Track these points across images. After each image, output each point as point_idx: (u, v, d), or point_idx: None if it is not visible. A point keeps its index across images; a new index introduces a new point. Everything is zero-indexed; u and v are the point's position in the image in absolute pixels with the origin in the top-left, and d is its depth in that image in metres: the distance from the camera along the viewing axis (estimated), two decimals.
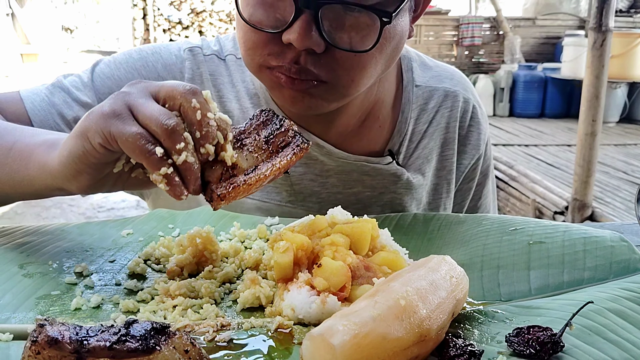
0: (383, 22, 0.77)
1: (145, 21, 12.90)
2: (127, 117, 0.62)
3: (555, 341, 0.54)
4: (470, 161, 1.12)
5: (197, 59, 1.02)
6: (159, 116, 0.61)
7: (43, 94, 0.97)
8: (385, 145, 1.04)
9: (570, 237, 0.79)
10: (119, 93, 0.65)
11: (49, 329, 0.47)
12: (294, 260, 0.67)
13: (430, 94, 1.07)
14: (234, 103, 1.01)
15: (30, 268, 0.71)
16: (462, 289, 0.61)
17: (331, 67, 0.80)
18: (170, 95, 0.64)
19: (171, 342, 0.47)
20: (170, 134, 0.61)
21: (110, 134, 0.62)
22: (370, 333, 0.49)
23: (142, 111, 0.62)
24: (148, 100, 0.64)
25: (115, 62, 1.01)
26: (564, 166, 5.33)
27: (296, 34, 0.75)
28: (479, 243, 0.81)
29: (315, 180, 1.02)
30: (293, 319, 0.63)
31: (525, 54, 8.61)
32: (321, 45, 0.77)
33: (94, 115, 0.64)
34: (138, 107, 0.63)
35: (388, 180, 1.04)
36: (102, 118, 0.63)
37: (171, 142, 0.61)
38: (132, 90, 0.65)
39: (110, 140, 0.62)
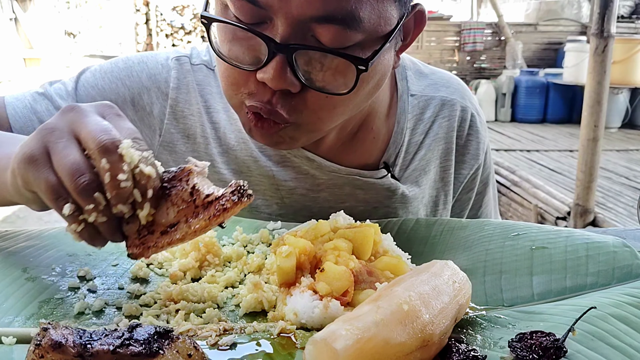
0: (359, 70, 0.73)
1: (147, 26, 12.96)
2: (42, 163, 0.59)
3: (558, 346, 0.54)
4: (469, 171, 1.10)
5: (183, 68, 1.00)
6: (71, 169, 0.57)
7: (27, 101, 0.96)
8: (380, 157, 1.01)
9: (573, 242, 0.79)
10: (43, 129, 0.61)
11: (53, 332, 0.48)
12: (297, 265, 0.68)
13: (426, 103, 1.04)
14: (221, 114, 0.99)
15: (33, 272, 0.72)
16: (464, 294, 0.62)
17: (300, 108, 0.77)
18: (87, 145, 0.59)
19: (174, 346, 0.47)
20: (79, 193, 0.57)
21: (27, 181, 0.61)
22: (373, 338, 0.49)
23: (57, 160, 0.59)
24: (68, 144, 0.59)
25: (100, 71, 1.00)
26: (566, 171, 5.33)
27: (270, 75, 0.72)
28: (481, 248, 0.81)
29: (306, 195, 1.00)
30: (296, 324, 0.63)
31: (527, 59, 8.62)
32: (296, 86, 0.74)
33: (16, 156, 0.61)
34: (55, 152, 0.59)
35: (382, 194, 1.01)
36: (21, 162, 0.60)
37: (81, 201, 0.58)
38: (56, 127, 0.61)
39: (28, 185, 0.61)
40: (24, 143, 0.62)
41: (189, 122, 0.99)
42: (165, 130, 0.99)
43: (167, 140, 0.99)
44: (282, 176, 0.98)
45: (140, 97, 0.98)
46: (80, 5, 15.27)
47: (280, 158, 0.98)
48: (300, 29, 0.71)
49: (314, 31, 0.71)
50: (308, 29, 0.71)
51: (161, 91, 0.99)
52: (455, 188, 1.10)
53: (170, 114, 0.99)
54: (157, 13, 13.36)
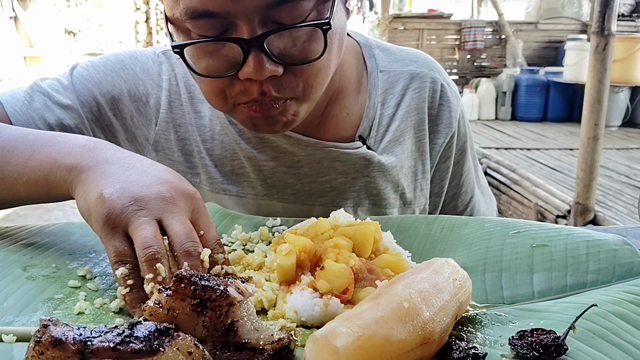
0: (324, 30, 0.78)
1: (148, 24, 12.95)
2: (119, 231, 0.66)
3: (559, 344, 0.54)
4: (444, 140, 1.13)
5: (171, 61, 1.05)
6: (145, 240, 0.63)
7: (22, 98, 0.98)
8: (355, 131, 1.06)
9: (574, 240, 0.79)
10: (135, 202, 0.67)
11: (53, 329, 0.48)
12: (297, 263, 0.68)
13: (396, 78, 1.09)
14: (205, 103, 1.04)
15: (34, 271, 0.72)
16: (465, 291, 0.61)
17: (292, 84, 0.82)
18: (173, 244, 0.65)
19: (175, 343, 0.47)
20: (146, 260, 0.63)
21: (96, 230, 0.67)
22: (373, 335, 0.49)
23: (134, 229, 0.65)
24: (150, 223, 0.65)
25: (93, 65, 1.03)
26: (566, 170, 5.33)
27: (251, 69, 0.77)
28: (481, 246, 0.81)
29: (288, 173, 1.04)
30: (296, 322, 0.63)
31: (528, 57, 8.61)
32: (279, 69, 0.79)
33: (99, 208, 0.66)
34: (135, 225, 0.65)
35: (359, 164, 1.05)
36: (101, 218, 0.66)
37: (145, 268, 0.63)
38: (147, 207, 0.67)
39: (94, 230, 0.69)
40: (106, 198, 0.66)
41: (179, 112, 1.04)
42: (161, 119, 1.03)
43: (162, 129, 1.04)
44: (263, 157, 1.03)
45: (136, 89, 1.02)
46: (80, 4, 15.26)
47: (259, 140, 1.02)
48: (260, 19, 0.76)
49: (273, 16, 0.76)
50: (267, 16, 0.76)
51: (155, 83, 1.03)
52: (432, 158, 1.14)
53: (166, 104, 1.03)
54: (157, 11, 13.35)
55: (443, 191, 1.18)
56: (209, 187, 1.05)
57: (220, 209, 0.95)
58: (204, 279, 0.54)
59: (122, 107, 1.01)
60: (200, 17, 0.76)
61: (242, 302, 0.55)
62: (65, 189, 0.74)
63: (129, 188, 0.67)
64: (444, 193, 1.18)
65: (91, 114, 1.00)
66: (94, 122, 1.00)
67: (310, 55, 0.81)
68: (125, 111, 1.02)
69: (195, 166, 1.05)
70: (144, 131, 1.03)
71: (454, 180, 1.19)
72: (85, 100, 0.99)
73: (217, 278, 0.55)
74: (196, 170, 1.05)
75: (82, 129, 0.99)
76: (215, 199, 1.05)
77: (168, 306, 0.54)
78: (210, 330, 0.54)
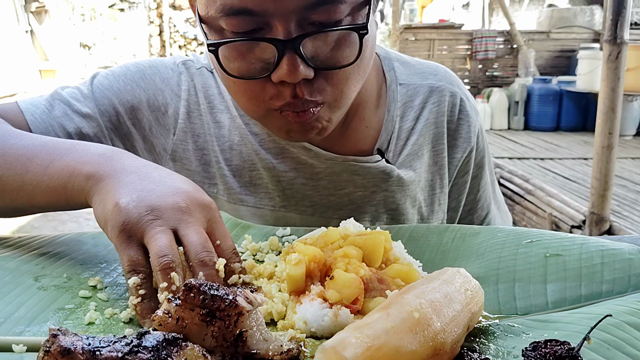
0: (361, 35, 0.79)
1: (161, 38, 13.11)
2: (134, 240, 0.65)
3: (573, 355, 0.53)
4: (462, 154, 1.12)
5: (190, 71, 1.06)
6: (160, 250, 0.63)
7: (42, 106, 0.99)
8: (374, 144, 1.06)
9: (588, 249, 0.78)
10: (151, 211, 0.66)
11: (62, 339, 0.48)
12: (306, 273, 0.67)
13: (415, 91, 1.09)
14: (224, 113, 1.05)
15: (45, 281, 0.72)
16: (477, 302, 0.61)
17: (324, 88, 0.83)
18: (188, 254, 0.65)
19: (183, 353, 0.47)
20: (161, 269, 0.62)
21: (111, 239, 0.68)
22: (383, 346, 0.49)
23: (149, 239, 0.65)
24: (165, 233, 0.65)
25: (113, 74, 1.04)
26: (580, 180, 5.27)
27: (285, 72, 0.77)
28: (494, 255, 0.80)
29: (307, 184, 1.04)
30: (305, 332, 0.62)
31: (540, 67, 8.56)
32: (311, 73, 0.79)
33: (115, 216, 0.66)
34: (150, 235, 0.65)
35: (378, 178, 1.05)
36: (117, 226, 0.66)
37: (160, 277, 0.62)
38: (162, 217, 0.66)
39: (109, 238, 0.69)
40: (123, 208, 0.66)
41: (198, 122, 1.05)
42: (179, 129, 1.04)
43: (180, 139, 1.04)
44: (282, 167, 1.03)
45: (155, 98, 1.03)
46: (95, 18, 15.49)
47: (279, 150, 1.02)
48: (297, 21, 0.76)
49: (309, 18, 0.76)
50: (304, 18, 0.76)
51: (174, 93, 1.04)
52: (450, 172, 1.13)
53: (184, 114, 1.04)
54: (170, 25, 13.51)
55: (460, 206, 1.17)
56: (226, 197, 1.05)
57: (231, 218, 0.95)
58: (213, 288, 0.54)
59: (141, 117, 1.02)
60: (236, 15, 0.76)
61: (251, 312, 0.55)
62: (83, 197, 0.74)
63: (145, 197, 0.67)
64: (461, 208, 1.17)
65: (110, 123, 1.01)
66: (112, 131, 1.01)
67: (343, 60, 0.81)
68: (144, 121, 1.03)
69: (213, 176, 1.05)
70: (162, 141, 1.04)
71: (470, 195, 1.17)
72: (105, 109, 1.00)
73: (226, 288, 0.55)
74: (214, 180, 1.05)
75: (101, 138, 1.00)
76: (232, 209, 1.05)
77: (177, 316, 0.54)
78: (219, 340, 0.53)
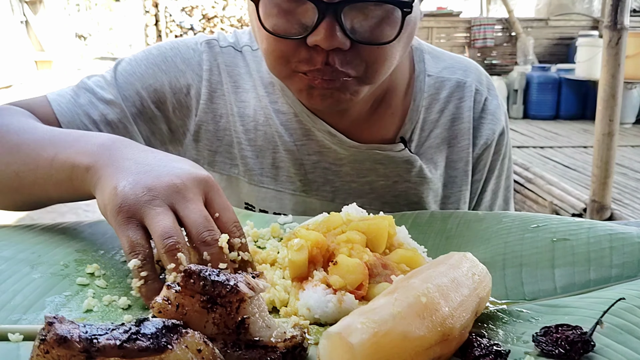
0: (404, 13, 0.79)
1: (157, 27, 13.01)
2: (132, 221, 0.64)
3: (586, 340, 0.51)
4: (477, 152, 1.10)
5: (213, 50, 1.05)
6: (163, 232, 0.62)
7: (69, 96, 1.00)
8: (397, 132, 1.04)
9: (596, 234, 0.76)
10: (147, 193, 0.65)
11: (58, 327, 0.46)
12: (309, 259, 0.65)
13: (442, 84, 1.07)
14: (251, 92, 1.04)
15: (42, 268, 0.70)
16: (484, 286, 0.59)
17: (356, 62, 0.82)
18: (190, 234, 0.64)
19: (183, 340, 0.45)
20: (166, 252, 0.61)
21: (110, 223, 0.67)
22: (390, 331, 0.47)
23: (149, 222, 0.64)
24: (165, 214, 0.64)
25: (136, 59, 1.04)
26: (580, 168, 5.26)
27: (322, 36, 0.77)
28: (499, 241, 0.79)
29: (329, 169, 1.03)
30: (309, 319, 0.61)
31: (539, 55, 8.53)
32: (347, 43, 0.79)
33: (113, 199, 0.66)
34: (149, 216, 0.64)
35: (401, 168, 1.03)
36: (115, 210, 0.65)
37: (166, 259, 0.62)
38: (159, 197, 0.65)
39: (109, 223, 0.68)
40: (119, 191, 0.66)
41: (220, 102, 1.04)
42: (201, 110, 1.04)
43: (202, 119, 1.04)
44: (306, 150, 1.02)
45: (177, 80, 1.03)
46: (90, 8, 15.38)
47: (304, 132, 1.02)
48: None
49: None
50: None
51: (195, 73, 1.04)
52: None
53: (206, 94, 1.03)
54: (166, 14, 13.41)
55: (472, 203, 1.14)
56: (247, 179, 1.04)
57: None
58: (213, 274, 0.52)
59: (164, 100, 1.03)
60: None
61: (253, 298, 0.53)
62: (87, 188, 0.74)
63: (141, 179, 0.67)
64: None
65: (134, 108, 1.01)
66: (137, 116, 1.01)
67: (382, 38, 0.80)
68: (167, 103, 1.03)
69: (235, 157, 1.05)
70: (185, 122, 1.04)
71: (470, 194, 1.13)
72: (129, 95, 1.00)
73: (227, 273, 0.54)
74: (235, 161, 1.05)
75: (126, 124, 1.00)
76: (253, 191, 1.04)
77: (177, 303, 0.52)
78: (220, 327, 0.52)
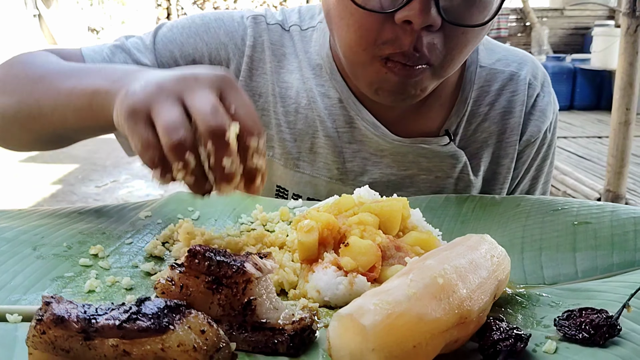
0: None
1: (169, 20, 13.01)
2: (141, 118, 0.59)
3: (612, 324, 0.48)
4: (520, 148, 1.04)
5: (259, 27, 1.00)
6: (167, 125, 0.57)
7: (104, 53, 0.97)
8: (442, 125, 0.99)
9: (619, 217, 0.73)
10: (154, 85, 0.61)
11: (55, 307, 0.44)
12: (319, 240, 0.63)
13: (494, 76, 1.01)
14: (295, 74, 1.00)
15: (44, 249, 0.68)
16: (504, 269, 0.56)
17: (438, 47, 0.78)
18: (196, 122, 0.58)
19: (186, 321, 0.43)
20: (171, 149, 0.57)
21: (124, 129, 0.61)
22: (405, 313, 0.44)
23: (156, 115, 0.59)
24: (172, 105, 0.59)
25: (178, 26, 1.00)
26: (595, 158, 5.18)
27: (415, 11, 0.72)
28: (518, 224, 0.75)
29: (369, 159, 0.99)
30: (318, 301, 0.58)
31: (553, 45, 8.40)
32: (438, 21, 0.75)
33: (122, 103, 0.62)
34: (156, 109, 0.59)
35: (446, 163, 0.98)
36: (124, 112, 0.61)
37: (171, 157, 0.57)
38: (166, 88, 0.60)
39: (125, 133, 0.62)
40: (130, 92, 0.61)
41: (261, 81, 1.00)
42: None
43: None
44: (347, 138, 0.98)
45: (217, 53, 0.99)
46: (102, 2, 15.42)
47: (347, 119, 0.98)
48: None
49: None
50: None
51: (237, 48, 0.99)
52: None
53: (246, 71, 0.99)
54: (178, 7, 13.42)
55: None
56: (283, 162, 1.01)
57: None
58: (219, 254, 0.50)
59: None
60: None
61: (260, 279, 0.51)
62: (107, 113, 0.69)
63: (153, 79, 0.63)
64: None
65: None
66: None
67: (473, 20, 0.77)
68: None
69: (271, 139, 1.01)
70: None
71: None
72: (165, 62, 0.97)
73: (233, 254, 0.51)
74: (271, 143, 1.01)
75: None
76: (287, 175, 1.01)
77: (181, 284, 0.50)
78: (226, 309, 0.49)
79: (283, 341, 0.49)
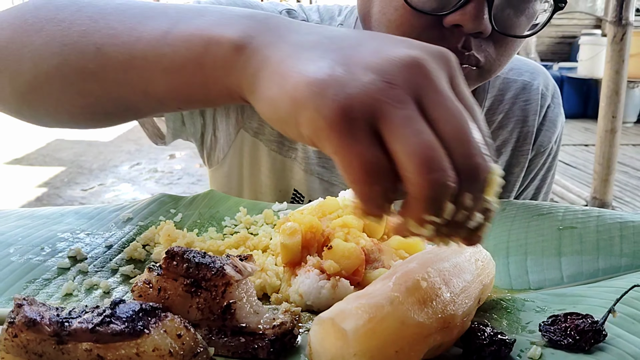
0: (558, 8, 0.76)
1: None
2: (363, 130, 0.37)
3: (597, 329, 0.48)
4: (529, 157, 1.05)
5: None
6: (426, 157, 0.36)
7: None
8: None
9: (604, 222, 0.73)
10: (374, 78, 0.38)
11: (28, 309, 0.43)
12: (303, 243, 0.62)
13: (507, 85, 1.02)
14: None
15: (21, 251, 0.67)
16: (488, 273, 0.56)
17: (489, 52, 0.77)
18: (448, 147, 0.37)
19: (162, 325, 0.42)
20: (433, 195, 0.37)
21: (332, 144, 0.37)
22: (387, 317, 0.43)
23: (400, 131, 0.37)
24: (415, 118, 0.37)
25: (218, 2, 0.92)
26: (581, 166, 5.23)
27: (469, 15, 0.70)
28: (503, 228, 0.75)
29: None
30: (301, 305, 0.57)
31: (541, 53, 8.48)
32: (489, 28, 0.73)
33: (315, 106, 0.37)
34: (395, 122, 0.37)
35: None
36: (326, 120, 0.37)
37: (428, 204, 0.37)
38: (396, 83, 0.38)
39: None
40: (328, 72, 0.38)
41: None
42: None
43: None
44: None
45: None
46: None
47: None
48: None
49: None
50: None
51: None
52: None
53: None
54: None
55: None
56: (303, 166, 0.99)
57: (221, 194, 0.89)
58: (198, 255, 0.49)
59: None
60: None
61: (241, 282, 0.50)
62: (233, 80, 0.45)
63: (353, 55, 0.39)
64: None
65: None
66: None
67: (521, 30, 0.77)
68: None
69: (293, 141, 0.97)
70: None
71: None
72: None
73: (212, 255, 0.50)
74: (294, 144, 0.98)
75: None
76: (305, 180, 1.00)
77: (159, 286, 0.48)
78: (205, 313, 0.48)
79: (263, 346, 0.48)
